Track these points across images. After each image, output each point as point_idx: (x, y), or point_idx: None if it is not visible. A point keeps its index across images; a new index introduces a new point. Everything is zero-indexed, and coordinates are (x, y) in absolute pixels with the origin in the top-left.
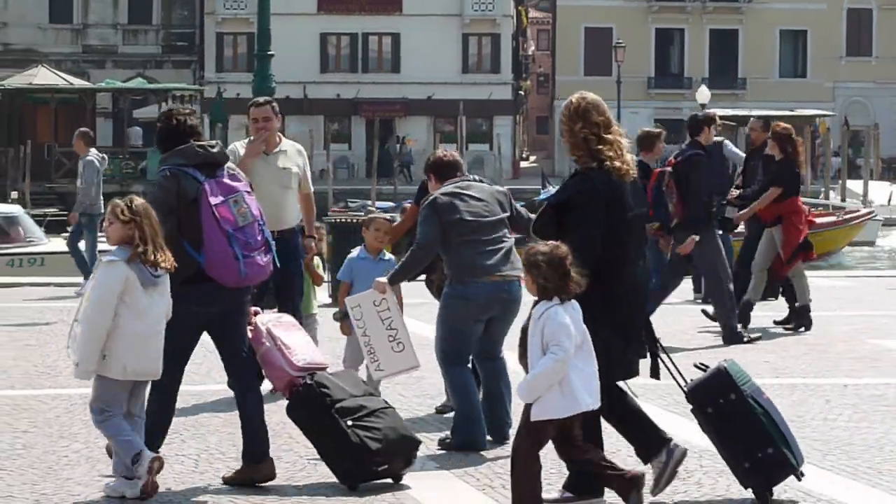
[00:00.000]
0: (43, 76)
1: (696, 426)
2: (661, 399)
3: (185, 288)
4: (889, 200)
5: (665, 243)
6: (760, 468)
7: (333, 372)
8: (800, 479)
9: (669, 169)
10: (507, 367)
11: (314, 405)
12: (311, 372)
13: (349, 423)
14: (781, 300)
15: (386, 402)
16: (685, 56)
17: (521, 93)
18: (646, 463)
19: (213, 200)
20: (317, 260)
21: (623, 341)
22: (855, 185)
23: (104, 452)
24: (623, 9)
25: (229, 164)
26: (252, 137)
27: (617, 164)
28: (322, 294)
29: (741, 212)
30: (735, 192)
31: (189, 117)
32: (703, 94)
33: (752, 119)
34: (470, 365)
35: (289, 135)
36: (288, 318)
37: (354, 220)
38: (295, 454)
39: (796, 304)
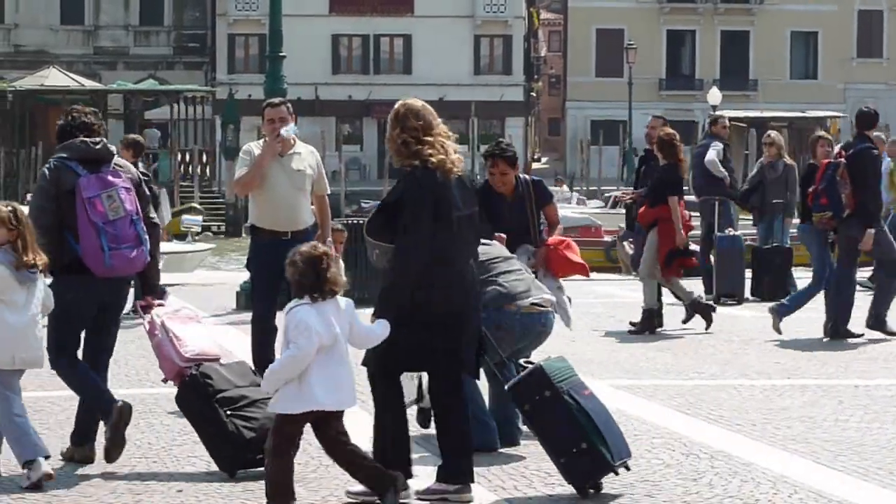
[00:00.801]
0: (54, 77)
1: (706, 426)
2: (672, 401)
3: (66, 276)
4: None
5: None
6: (577, 463)
7: (224, 363)
8: (617, 474)
9: (843, 160)
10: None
11: (198, 395)
12: (199, 363)
13: (228, 412)
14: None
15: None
16: (696, 57)
17: (533, 94)
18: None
19: (87, 194)
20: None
21: (437, 336)
22: None
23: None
24: (634, 10)
25: (117, 160)
26: (267, 138)
27: (436, 160)
28: None
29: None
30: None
31: (86, 115)
32: (715, 95)
33: (651, 117)
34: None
35: (300, 136)
36: (186, 312)
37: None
38: (307, 455)
39: (642, 307)
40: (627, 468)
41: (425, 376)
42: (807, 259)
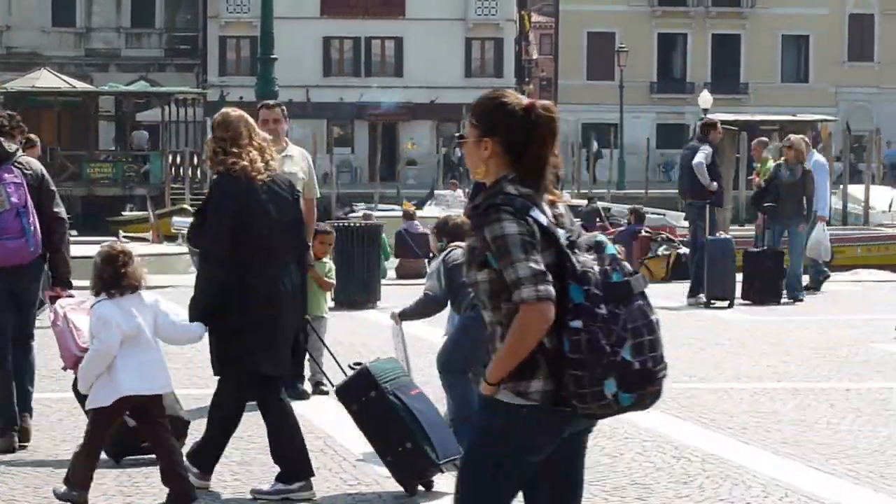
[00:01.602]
0: (46, 79)
1: (697, 430)
2: (663, 404)
3: None
4: (890, 206)
5: None
6: (402, 461)
7: None
8: (442, 472)
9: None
10: None
11: None
12: None
13: None
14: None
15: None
16: (688, 61)
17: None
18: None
19: None
20: (330, 265)
21: (261, 338)
22: (856, 191)
23: (106, 457)
24: (626, 13)
25: (21, 158)
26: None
27: (238, 167)
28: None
29: None
30: None
31: None
32: (706, 98)
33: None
34: None
35: (292, 138)
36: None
37: (356, 224)
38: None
39: None
40: (456, 466)
41: None
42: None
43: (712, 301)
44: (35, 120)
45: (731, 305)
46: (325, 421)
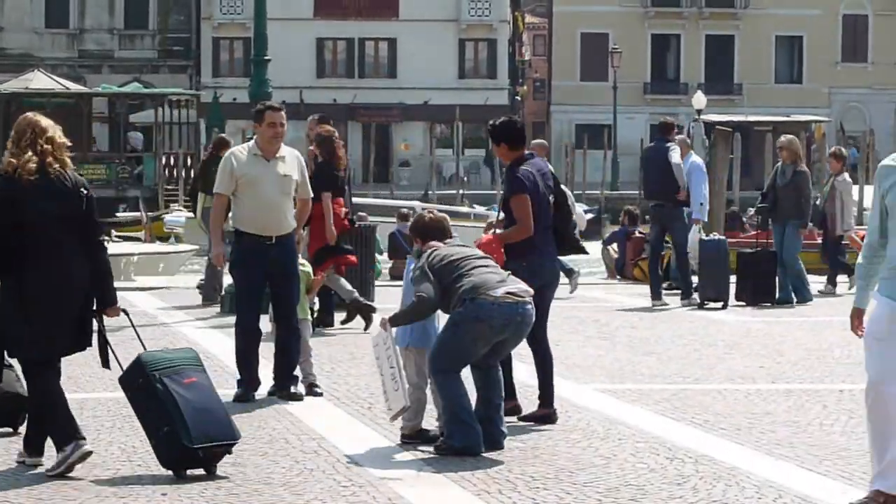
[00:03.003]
0: (39, 81)
1: (691, 431)
2: (656, 405)
3: None
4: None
5: None
6: (162, 445)
7: None
8: (201, 457)
9: None
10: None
11: None
12: None
13: None
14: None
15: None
16: (681, 61)
17: (518, 98)
18: (39, 453)
19: None
20: (309, 269)
21: (37, 324)
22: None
23: (100, 457)
24: (619, 14)
25: None
26: (255, 139)
27: (10, 167)
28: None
29: None
30: None
31: None
32: (700, 99)
33: (309, 118)
34: None
35: (285, 139)
36: None
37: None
38: (292, 459)
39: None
40: (229, 452)
41: None
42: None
43: (706, 302)
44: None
45: (725, 306)
46: (318, 423)
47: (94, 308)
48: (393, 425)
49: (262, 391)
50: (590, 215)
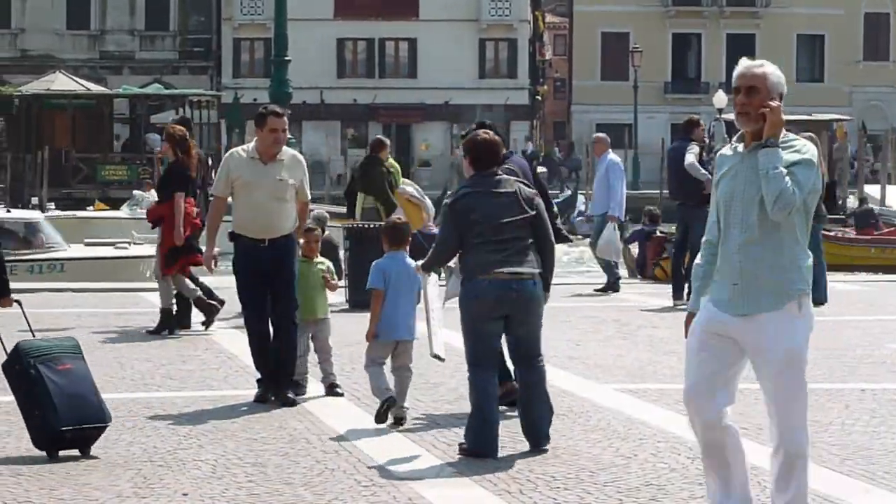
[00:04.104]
0: (60, 82)
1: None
2: (677, 405)
3: None
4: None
5: None
6: (35, 428)
7: None
8: (66, 438)
9: None
10: (545, 375)
11: None
12: None
13: None
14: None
15: None
16: (702, 60)
17: (538, 98)
18: None
19: None
20: (329, 265)
21: None
22: (872, 190)
23: (122, 457)
24: (640, 13)
25: None
26: (254, 143)
27: None
28: (338, 298)
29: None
30: None
31: None
32: (721, 98)
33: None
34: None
35: (305, 140)
36: None
37: (371, 226)
38: (313, 459)
39: (160, 307)
40: (99, 434)
41: None
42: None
43: None
44: (49, 122)
45: None
46: (338, 423)
47: None
48: (414, 428)
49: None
50: None
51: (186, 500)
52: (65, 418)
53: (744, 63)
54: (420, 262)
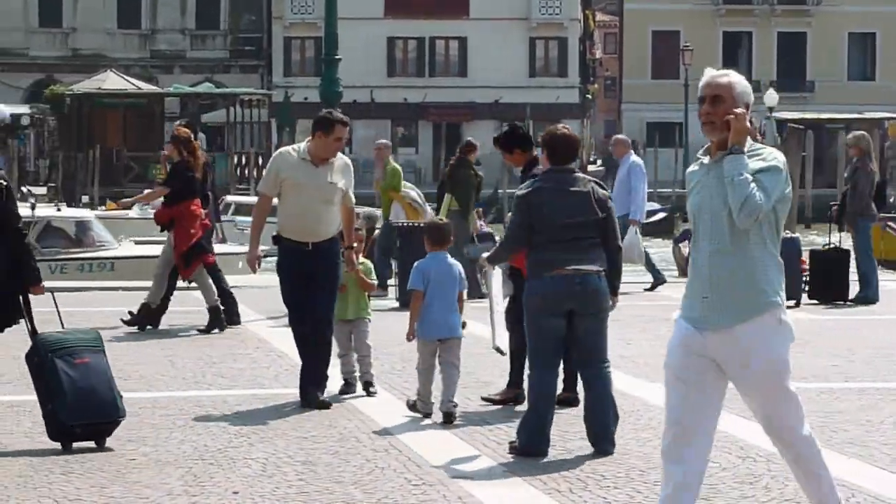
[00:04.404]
0: (112, 81)
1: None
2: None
3: None
4: None
5: None
6: (48, 420)
7: None
8: (73, 433)
9: None
10: (611, 380)
11: None
12: None
13: None
14: None
15: None
16: (753, 59)
17: (589, 96)
18: None
19: None
20: (368, 264)
21: None
22: None
23: (172, 455)
24: (690, 12)
25: None
26: (306, 143)
27: None
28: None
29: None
30: None
31: None
32: (772, 97)
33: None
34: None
35: (356, 139)
36: None
37: (420, 224)
38: (363, 457)
39: (207, 306)
40: (112, 430)
41: None
42: None
43: None
44: (101, 121)
45: (797, 305)
46: (388, 421)
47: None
48: (465, 426)
49: (333, 388)
50: (661, 214)
51: (237, 498)
52: (74, 413)
53: (708, 72)
54: (486, 255)
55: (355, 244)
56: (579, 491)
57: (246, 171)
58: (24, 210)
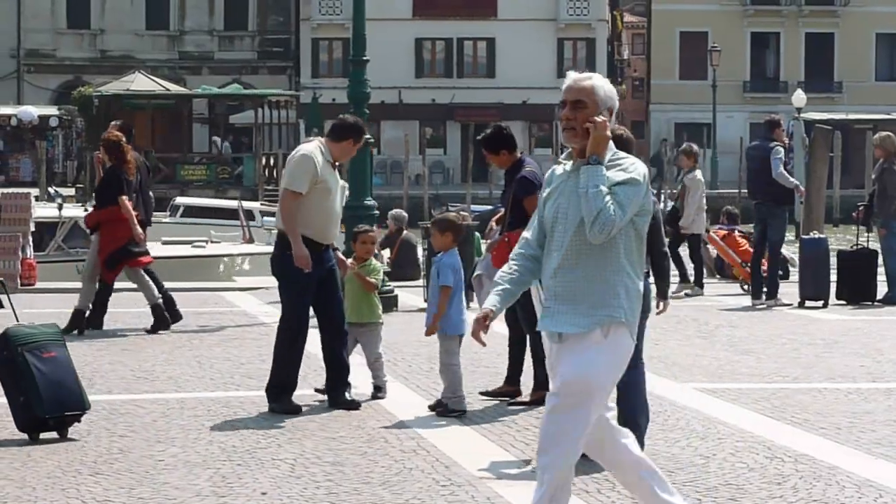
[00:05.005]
0: (140, 82)
1: (790, 430)
2: (755, 404)
3: None
4: None
5: None
6: (19, 412)
7: None
8: (50, 425)
9: None
10: (645, 379)
11: None
12: None
13: None
14: None
15: None
16: (781, 60)
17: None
18: None
19: None
20: (375, 265)
21: None
22: None
23: (201, 456)
24: (718, 13)
25: None
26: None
27: None
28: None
29: None
30: None
31: None
32: (799, 97)
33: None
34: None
35: (384, 140)
36: None
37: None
38: (390, 458)
39: (149, 304)
40: (79, 420)
41: None
42: None
43: (805, 301)
44: (129, 122)
45: (825, 305)
46: (417, 422)
47: None
48: (493, 427)
49: (357, 390)
50: None
51: (265, 499)
52: (48, 406)
53: (571, 76)
54: None
55: (367, 244)
56: (607, 491)
57: (274, 173)
58: (51, 211)
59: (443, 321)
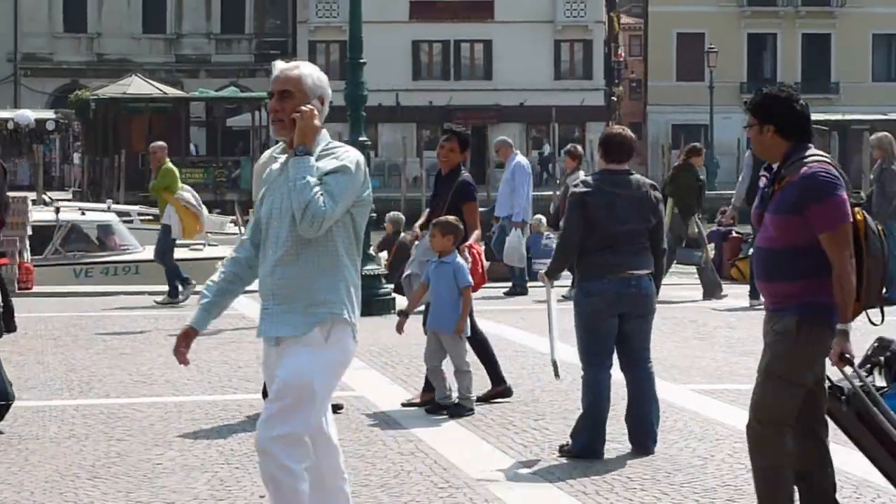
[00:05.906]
0: (137, 86)
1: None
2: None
3: None
4: None
5: None
6: None
7: None
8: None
9: None
10: (654, 379)
11: None
12: None
13: None
14: None
15: None
16: (778, 61)
17: (614, 99)
18: None
19: None
20: None
21: None
22: None
23: (199, 460)
24: (715, 14)
25: None
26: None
27: None
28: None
29: None
30: None
31: None
32: None
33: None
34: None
35: (381, 142)
36: None
37: None
38: (388, 461)
39: None
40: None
41: None
42: None
43: None
44: (126, 126)
45: None
46: (414, 425)
47: None
48: (491, 429)
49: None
50: None
51: (262, 502)
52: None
53: (277, 65)
54: (543, 271)
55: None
56: (606, 493)
57: None
58: (48, 214)
59: (448, 324)
